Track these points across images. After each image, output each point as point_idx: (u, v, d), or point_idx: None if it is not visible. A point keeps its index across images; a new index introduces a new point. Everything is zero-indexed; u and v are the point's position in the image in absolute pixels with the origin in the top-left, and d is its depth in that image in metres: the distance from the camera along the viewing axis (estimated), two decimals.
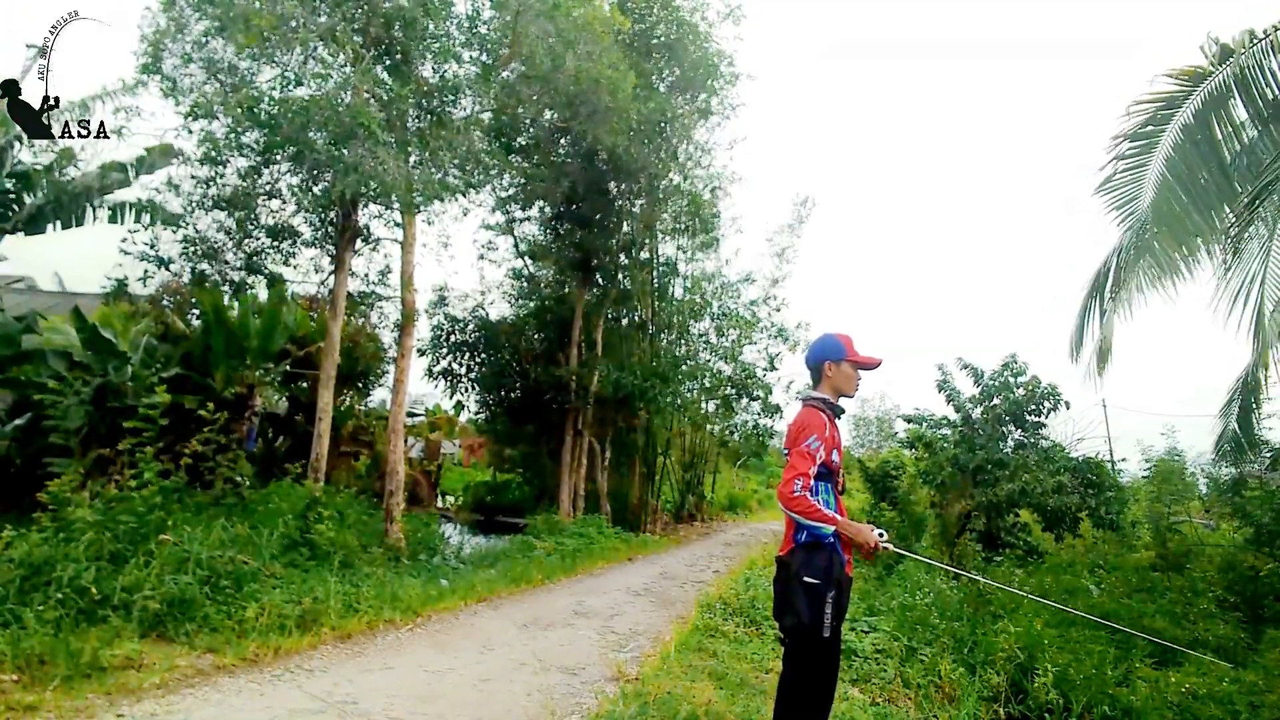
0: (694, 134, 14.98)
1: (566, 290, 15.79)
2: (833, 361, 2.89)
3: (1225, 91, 5.66)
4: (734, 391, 17.93)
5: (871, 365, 2.95)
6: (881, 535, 2.68)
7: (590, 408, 14.57)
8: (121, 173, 9.80)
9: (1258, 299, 5.70)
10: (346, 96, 7.74)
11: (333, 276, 9.84)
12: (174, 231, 9.76)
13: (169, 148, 9.51)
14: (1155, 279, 6.02)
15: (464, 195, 10.40)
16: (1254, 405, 7.30)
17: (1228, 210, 5.68)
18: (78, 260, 14.03)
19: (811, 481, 2.66)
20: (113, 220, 10.05)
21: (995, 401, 10.60)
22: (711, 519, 20.87)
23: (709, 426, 19.85)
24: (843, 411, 2.93)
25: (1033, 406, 10.38)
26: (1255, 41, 5.54)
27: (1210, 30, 5.87)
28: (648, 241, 15.91)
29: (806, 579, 2.61)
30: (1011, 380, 10.59)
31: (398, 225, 10.29)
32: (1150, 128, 6.08)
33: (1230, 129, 5.74)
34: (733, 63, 14.13)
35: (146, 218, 9.94)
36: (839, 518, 2.66)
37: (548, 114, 11.84)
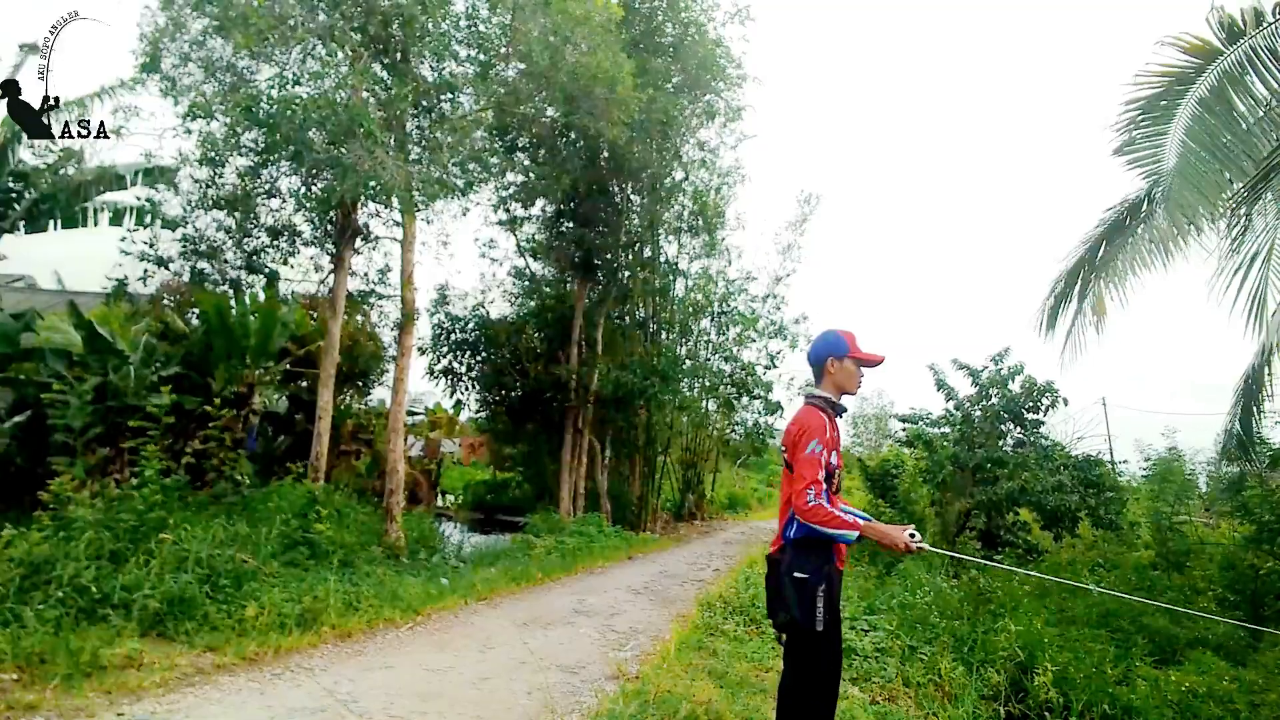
0: (699, 134, 14.97)
1: (567, 289, 15.79)
2: (835, 358, 2.83)
3: (1241, 70, 5.62)
4: (734, 390, 17.92)
5: (875, 362, 2.89)
6: (914, 536, 2.61)
7: (590, 407, 14.57)
8: (120, 182, 9.81)
9: (1257, 284, 5.67)
10: (345, 95, 7.73)
11: (332, 275, 9.83)
12: (173, 231, 9.78)
13: (170, 175, 9.53)
14: (1171, 239, 5.97)
15: (464, 195, 10.40)
16: (1256, 403, 7.27)
17: (1251, 169, 5.61)
18: (77, 259, 14.03)
19: (824, 487, 2.59)
20: (114, 222, 10.05)
21: (993, 399, 10.61)
22: (712, 517, 20.86)
23: (709, 425, 19.86)
24: (844, 410, 2.88)
25: (1030, 403, 10.38)
26: (1265, 25, 5.51)
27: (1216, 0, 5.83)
28: (650, 240, 15.90)
29: (796, 575, 2.60)
30: (1007, 376, 10.60)
31: (397, 224, 10.28)
32: (1165, 101, 6.06)
33: (1251, 102, 5.69)
34: (740, 65, 14.10)
35: (148, 218, 9.96)
36: (862, 522, 2.60)
37: (549, 111, 11.83)
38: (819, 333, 2.99)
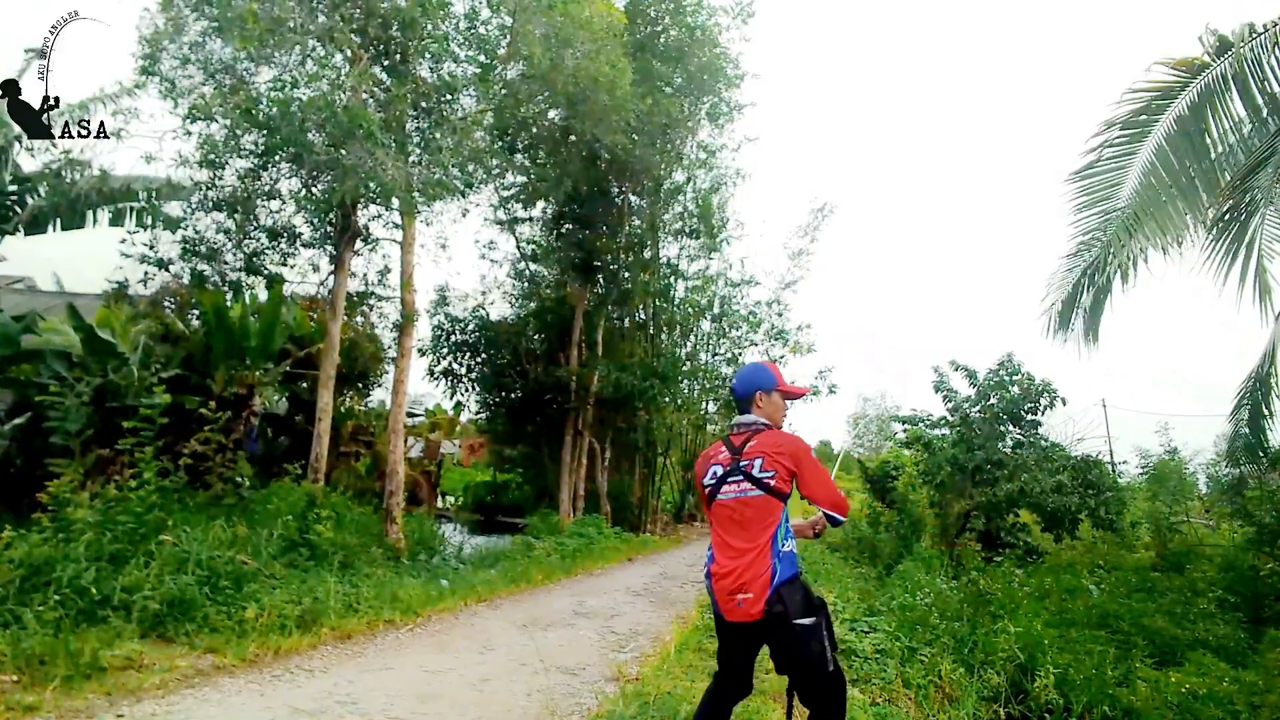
0: (700, 135, 15.01)
1: (567, 290, 15.81)
2: (764, 392, 2.83)
3: (1223, 85, 5.65)
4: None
5: (798, 395, 2.98)
6: None
7: (590, 408, 14.57)
8: (131, 196, 9.77)
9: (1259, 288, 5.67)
10: (344, 97, 7.73)
11: (332, 277, 9.83)
12: (173, 233, 9.77)
13: (180, 187, 9.49)
14: (1139, 262, 6.00)
15: (464, 196, 10.40)
16: (1264, 407, 7.24)
17: (1210, 201, 5.67)
18: (76, 261, 14.04)
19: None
20: (114, 224, 10.03)
21: (992, 400, 10.61)
22: None
23: (709, 426, 19.85)
24: None
25: (1029, 404, 10.39)
26: (1255, 35, 5.53)
27: (1209, 22, 5.87)
28: (650, 242, 15.92)
29: (802, 622, 2.46)
30: (1006, 379, 10.61)
31: (397, 226, 10.29)
32: (1144, 117, 6.08)
33: (1228, 123, 5.72)
34: (738, 65, 14.14)
35: (149, 219, 9.94)
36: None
37: (550, 113, 11.84)
38: (745, 365, 3.06)
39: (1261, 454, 7.40)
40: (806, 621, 2.45)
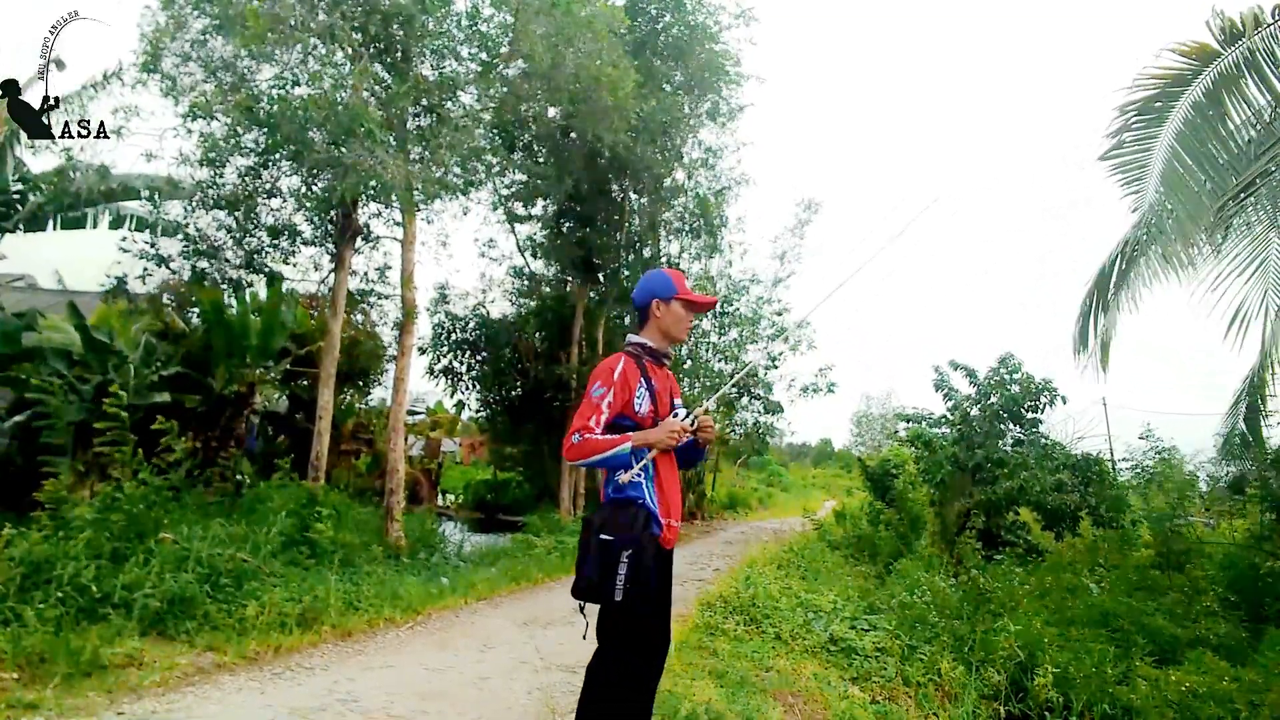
0: (701, 134, 14.98)
1: (568, 289, 15.80)
2: (661, 300, 2.58)
3: (1237, 72, 5.61)
4: (735, 390, 17.92)
5: (705, 305, 2.73)
6: (677, 415, 2.47)
7: None
8: (132, 194, 9.74)
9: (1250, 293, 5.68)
10: (345, 95, 7.73)
11: (333, 275, 9.83)
12: (171, 237, 9.77)
13: (181, 185, 9.45)
14: (1169, 257, 5.98)
15: (464, 194, 10.39)
16: (1261, 404, 7.26)
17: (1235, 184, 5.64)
18: (77, 260, 14.03)
19: (597, 434, 2.36)
20: (114, 227, 10.04)
21: (992, 399, 10.62)
22: (712, 517, 20.86)
23: None
24: (667, 356, 2.65)
25: (1029, 402, 10.39)
26: (1264, 25, 5.50)
27: (1215, 4, 5.82)
28: (651, 240, 15.90)
29: (602, 536, 2.32)
30: (1007, 377, 10.62)
31: (398, 224, 10.28)
32: (1159, 104, 6.05)
33: (1245, 108, 5.68)
34: (739, 63, 14.11)
35: (147, 230, 9.93)
36: (628, 434, 2.37)
37: (550, 112, 11.82)
38: (645, 274, 2.74)
39: (1258, 448, 7.44)
40: (605, 537, 2.31)
